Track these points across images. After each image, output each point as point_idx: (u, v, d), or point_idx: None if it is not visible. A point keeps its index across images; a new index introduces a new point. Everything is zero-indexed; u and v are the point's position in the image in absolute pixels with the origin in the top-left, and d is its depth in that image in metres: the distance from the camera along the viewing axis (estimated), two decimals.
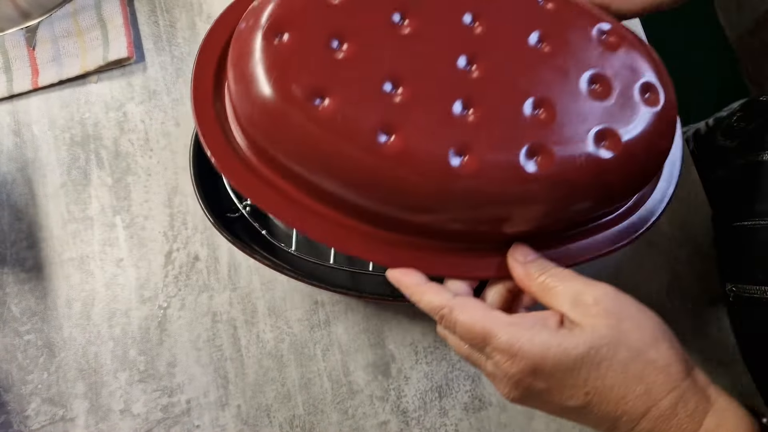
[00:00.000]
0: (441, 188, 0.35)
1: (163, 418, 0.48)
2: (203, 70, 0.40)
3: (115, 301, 0.49)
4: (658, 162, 0.40)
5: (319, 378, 0.49)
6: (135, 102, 0.53)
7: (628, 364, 0.33)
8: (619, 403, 0.33)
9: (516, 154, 0.35)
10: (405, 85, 0.35)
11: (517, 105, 0.36)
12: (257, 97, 0.35)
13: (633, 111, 0.38)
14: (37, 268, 0.50)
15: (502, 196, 0.36)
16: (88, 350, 0.49)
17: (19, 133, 0.52)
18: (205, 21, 0.55)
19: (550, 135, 0.36)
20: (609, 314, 0.33)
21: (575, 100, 0.37)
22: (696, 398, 0.33)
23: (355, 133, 0.34)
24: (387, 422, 0.48)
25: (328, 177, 0.36)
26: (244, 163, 0.38)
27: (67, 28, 0.53)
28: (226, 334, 0.49)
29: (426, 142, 0.35)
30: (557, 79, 0.37)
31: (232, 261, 0.50)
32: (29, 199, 0.51)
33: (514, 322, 0.34)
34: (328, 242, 0.39)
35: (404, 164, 0.34)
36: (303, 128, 0.35)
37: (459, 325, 0.35)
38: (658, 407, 0.32)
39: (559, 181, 0.36)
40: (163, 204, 0.51)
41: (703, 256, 0.52)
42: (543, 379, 0.33)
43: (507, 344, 0.33)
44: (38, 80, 0.52)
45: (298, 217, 0.38)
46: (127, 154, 0.52)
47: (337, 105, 0.34)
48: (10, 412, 0.47)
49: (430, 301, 0.36)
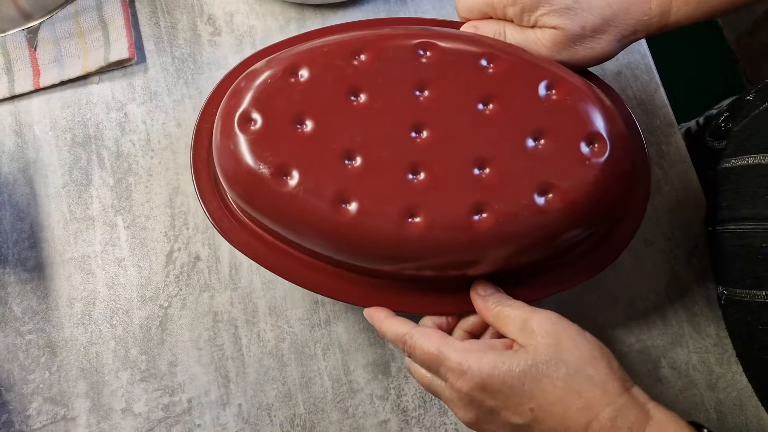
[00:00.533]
0: (396, 246, 0.39)
1: (165, 417, 0.48)
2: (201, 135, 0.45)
3: (117, 300, 0.50)
4: (609, 208, 0.42)
5: (319, 377, 0.49)
6: (136, 103, 0.53)
7: (568, 380, 0.36)
8: (563, 417, 0.35)
9: (462, 212, 0.39)
10: (359, 156, 0.39)
11: (462, 166, 0.39)
12: (234, 174, 0.40)
13: (576, 163, 0.40)
14: (39, 267, 0.50)
15: (452, 250, 0.39)
16: (90, 350, 0.49)
17: (21, 133, 0.52)
18: (206, 22, 0.55)
19: (493, 192, 0.39)
20: (549, 336, 0.37)
21: (518, 157, 0.40)
22: (635, 412, 0.35)
23: (315, 204, 0.39)
24: (387, 421, 0.48)
25: (297, 237, 0.41)
26: (228, 210, 0.44)
27: (68, 29, 0.54)
28: (227, 333, 0.49)
29: (379, 207, 0.38)
30: (501, 138, 0.40)
31: (233, 261, 0.50)
32: (31, 199, 0.51)
33: (465, 347, 0.38)
34: (304, 285, 0.43)
35: (361, 228, 0.38)
36: (272, 200, 0.39)
37: (417, 348, 0.39)
38: (598, 420, 0.35)
39: (504, 233, 0.39)
40: (164, 204, 0.51)
41: (702, 256, 0.52)
42: (492, 396, 0.37)
43: (457, 364, 0.37)
44: (40, 81, 0.53)
45: (272, 261, 0.43)
46: (129, 155, 0.52)
47: (300, 179, 0.39)
48: (11, 412, 0.47)
49: (394, 330, 0.40)
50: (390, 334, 0.41)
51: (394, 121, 0.40)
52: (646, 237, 0.53)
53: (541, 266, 0.43)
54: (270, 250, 0.43)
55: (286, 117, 0.40)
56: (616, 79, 0.56)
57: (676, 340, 0.51)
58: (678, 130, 0.56)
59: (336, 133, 0.40)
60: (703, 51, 1.35)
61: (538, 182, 0.39)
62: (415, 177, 0.39)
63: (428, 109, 0.40)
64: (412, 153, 0.39)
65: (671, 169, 0.54)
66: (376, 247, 0.39)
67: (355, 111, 0.40)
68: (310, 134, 0.39)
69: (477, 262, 0.40)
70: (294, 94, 0.40)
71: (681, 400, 0.50)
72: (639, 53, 0.57)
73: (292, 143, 0.39)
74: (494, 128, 0.40)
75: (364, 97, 0.40)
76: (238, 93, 0.41)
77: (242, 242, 0.43)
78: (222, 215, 0.44)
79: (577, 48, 0.43)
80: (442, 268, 0.41)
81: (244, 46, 0.55)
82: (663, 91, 0.56)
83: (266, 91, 0.40)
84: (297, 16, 0.56)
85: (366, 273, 0.42)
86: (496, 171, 0.39)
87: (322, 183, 0.39)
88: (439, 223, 0.38)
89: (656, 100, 0.56)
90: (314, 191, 0.38)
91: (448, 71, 0.41)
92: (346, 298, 0.43)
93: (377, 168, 0.39)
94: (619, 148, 0.40)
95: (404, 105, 0.40)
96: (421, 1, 0.57)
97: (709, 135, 0.58)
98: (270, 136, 0.39)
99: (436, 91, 0.41)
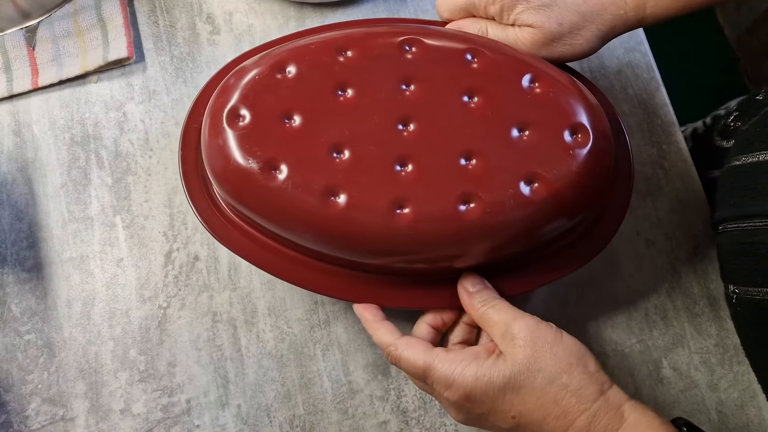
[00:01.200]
0: (385, 239, 0.39)
1: (164, 417, 0.48)
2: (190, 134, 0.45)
3: (116, 300, 0.49)
4: (593, 198, 0.42)
5: (319, 378, 0.49)
6: (135, 102, 0.53)
7: (545, 389, 0.37)
8: (542, 424, 0.38)
9: (449, 203, 0.39)
10: (347, 149, 0.40)
11: (449, 158, 0.40)
12: (223, 171, 0.40)
13: (560, 153, 0.40)
14: (38, 267, 0.50)
15: (440, 241, 0.40)
16: (89, 350, 0.49)
17: (20, 133, 0.52)
18: (205, 21, 0.55)
19: (480, 183, 0.39)
20: (527, 345, 0.38)
21: (504, 147, 0.40)
22: (608, 417, 0.37)
23: (304, 198, 0.39)
24: (387, 422, 0.48)
25: (287, 231, 0.41)
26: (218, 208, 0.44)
27: (67, 28, 0.53)
28: (226, 333, 0.49)
29: (368, 200, 0.39)
30: (487, 130, 0.41)
31: (232, 261, 0.50)
32: (29, 198, 0.51)
33: (450, 357, 0.39)
34: (294, 281, 0.43)
35: (350, 221, 0.39)
36: (261, 195, 0.40)
37: (402, 360, 0.40)
38: (575, 427, 0.37)
39: (491, 222, 0.39)
40: (163, 204, 0.51)
41: (704, 256, 0.52)
42: (477, 405, 0.38)
43: (443, 376, 0.38)
44: (38, 80, 0.52)
45: (261, 258, 0.43)
46: (127, 154, 0.52)
47: (288, 174, 0.39)
48: (10, 412, 0.47)
49: (380, 338, 0.41)
50: (376, 340, 0.42)
51: (382, 114, 0.41)
52: (647, 237, 0.53)
53: (528, 258, 0.43)
54: (259, 247, 0.43)
55: (274, 112, 0.40)
56: (617, 77, 0.56)
57: (677, 340, 0.51)
58: (679, 130, 0.55)
59: (324, 127, 0.40)
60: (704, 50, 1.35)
61: (523, 172, 0.40)
62: (402, 169, 0.40)
63: (414, 102, 0.41)
64: (398, 146, 0.40)
65: (672, 169, 0.54)
66: (366, 240, 0.40)
67: (343, 106, 0.41)
68: (299, 129, 0.40)
69: (465, 252, 0.41)
70: (282, 90, 0.41)
71: (682, 400, 0.50)
72: (640, 52, 0.57)
73: (281, 138, 0.40)
74: (479, 120, 0.41)
75: (351, 92, 0.41)
76: (227, 90, 0.41)
77: (231, 240, 0.43)
78: (211, 214, 0.44)
79: (555, 45, 0.44)
80: (430, 261, 0.41)
81: (243, 45, 0.55)
82: (664, 90, 0.56)
83: (254, 88, 0.41)
84: (296, 14, 0.56)
85: (355, 267, 0.42)
86: (482, 162, 0.40)
87: (310, 177, 0.39)
88: (426, 214, 0.39)
89: (657, 99, 0.56)
90: (303, 185, 0.39)
91: (433, 66, 0.42)
92: (335, 294, 0.43)
93: (365, 162, 0.39)
94: (602, 138, 0.41)
95: (391, 98, 0.41)
96: (421, 0, 0.57)
97: (718, 134, 0.58)
98: (258, 132, 0.40)
99: (421, 86, 0.41)
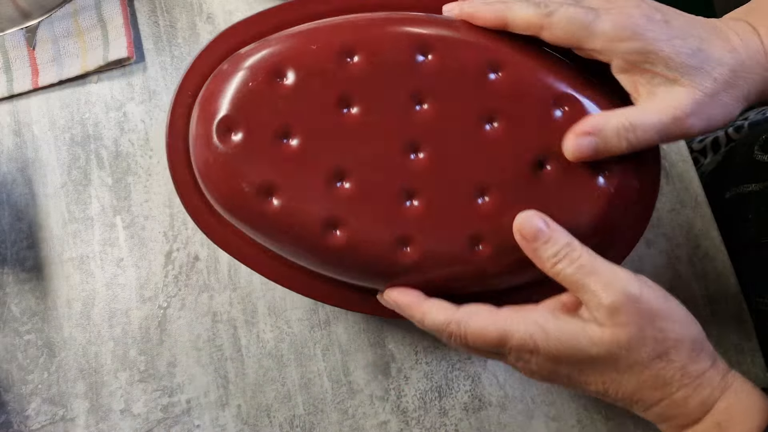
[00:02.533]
0: (388, 275, 0.37)
1: (164, 417, 0.48)
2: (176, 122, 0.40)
3: (116, 301, 0.49)
4: (612, 235, 0.39)
5: (319, 378, 0.49)
6: (135, 102, 0.53)
7: (648, 364, 0.34)
8: (635, 393, 0.35)
9: (457, 243, 0.36)
10: (349, 177, 0.36)
11: (460, 193, 0.36)
12: (214, 191, 0.37)
13: (584, 193, 0.36)
14: (38, 268, 0.50)
15: (447, 281, 0.37)
16: (89, 350, 0.49)
17: (20, 133, 0.52)
18: (205, 21, 0.55)
19: (492, 223, 0.36)
20: (631, 323, 0.34)
21: (523, 183, 0.36)
22: (711, 388, 0.35)
23: (300, 229, 0.36)
24: (387, 422, 0.48)
25: (283, 253, 0.38)
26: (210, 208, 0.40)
27: (67, 28, 0.53)
28: (227, 334, 0.49)
29: (370, 235, 0.36)
30: (504, 162, 0.36)
31: (232, 261, 0.50)
32: (29, 199, 0.51)
33: (525, 317, 0.35)
34: (293, 288, 0.40)
35: (349, 256, 0.36)
36: (254, 221, 0.36)
37: (470, 335, 0.35)
38: (672, 398, 0.35)
39: (503, 264, 0.36)
40: (163, 204, 0.51)
41: (703, 256, 0.52)
42: (564, 366, 0.35)
43: (523, 342, 0.34)
44: (38, 80, 0.52)
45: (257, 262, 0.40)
46: (128, 154, 0.52)
47: (284, 202, 0.35)
48: (10, 412, 0.47)
49: (434, 319, 0.36)
50: (428, 324, 0.36)
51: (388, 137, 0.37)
52: (647, 237, 0.53)
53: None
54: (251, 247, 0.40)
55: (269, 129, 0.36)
56: None
57: None
58: None
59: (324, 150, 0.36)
60: None
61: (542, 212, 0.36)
62: (408, 203, 0.36)
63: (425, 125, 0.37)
64: (405, 176, 0.36)
65: (672, 169, 0.54)
66: (367, 275, 0.37)
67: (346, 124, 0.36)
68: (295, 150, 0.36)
69: (472, 288, 0.38)
70: (279, 102, 0.36)
71: None
72: None
73: (276, 160, 0.36)
74: (496, 150, 0.36)
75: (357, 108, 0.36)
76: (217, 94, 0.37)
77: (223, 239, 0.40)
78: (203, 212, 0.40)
79: None
80: (437, 293, 0.38)
81: None
82: None
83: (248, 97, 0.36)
84: None
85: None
86: (496, 199, 0.36)
87: (309, 206, 0.36)
88: (433, 254, 0.36)
89: None
90: (299, 215, 0.36)
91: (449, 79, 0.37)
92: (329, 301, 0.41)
93: (369, 192, 0.36)
94: (629, 177, 0.37)
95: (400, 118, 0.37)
96: None
97: (759, 148, 0.55)
98: (251, 152, 0.36)
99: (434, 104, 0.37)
